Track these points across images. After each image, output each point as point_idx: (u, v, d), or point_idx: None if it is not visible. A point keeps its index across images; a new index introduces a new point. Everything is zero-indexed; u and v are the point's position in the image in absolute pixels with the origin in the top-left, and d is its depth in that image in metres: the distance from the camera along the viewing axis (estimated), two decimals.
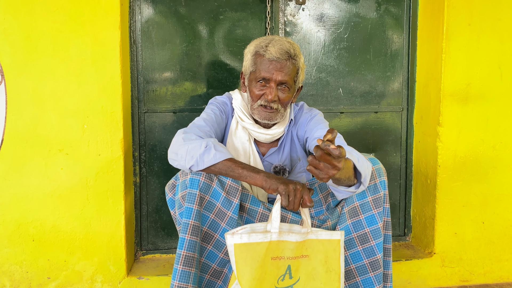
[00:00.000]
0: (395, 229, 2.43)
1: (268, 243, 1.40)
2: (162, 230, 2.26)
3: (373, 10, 2.30)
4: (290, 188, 1.41)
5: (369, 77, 2.33)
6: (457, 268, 2.25)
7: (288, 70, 1.65)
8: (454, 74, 2.14)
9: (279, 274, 1.42)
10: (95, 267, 2.02)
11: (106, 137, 1.97)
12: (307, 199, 1.41)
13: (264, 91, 1.67)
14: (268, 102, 1.66)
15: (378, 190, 1.51)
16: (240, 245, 1.38)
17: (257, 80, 1.68)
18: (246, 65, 1.73)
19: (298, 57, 1.68)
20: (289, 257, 1.42)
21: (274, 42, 1.65)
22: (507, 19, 2.16)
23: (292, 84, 1.69)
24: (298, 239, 1.42)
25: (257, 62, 1.67)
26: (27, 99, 1.93)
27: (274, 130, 1.75)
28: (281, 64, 1.63)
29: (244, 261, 1.38)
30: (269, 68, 1.64)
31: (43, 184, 1.97)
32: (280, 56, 1.62)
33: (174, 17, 2.17)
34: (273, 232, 1.40)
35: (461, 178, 2.20)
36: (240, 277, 1.39)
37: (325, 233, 1.45)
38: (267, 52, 1.64)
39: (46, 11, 1.90)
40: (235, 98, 1.79)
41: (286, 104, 1.71)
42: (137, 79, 2.17)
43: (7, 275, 1.99)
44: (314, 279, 1.44)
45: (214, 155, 1.43)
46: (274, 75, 1.64)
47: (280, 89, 1.67)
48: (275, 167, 1.78)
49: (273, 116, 1.69)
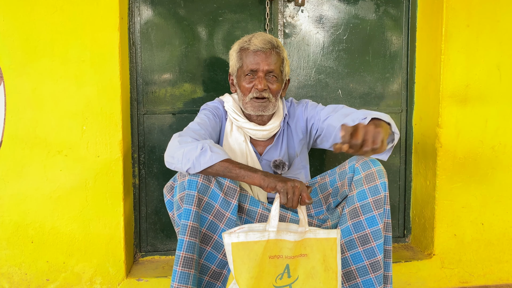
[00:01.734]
0: (394, 230, 2.43)
1: (266, 242, 1.40)
2: (161, 232, 2.26)
3: (372, 12, 2.31)
4: (289, 185, 1.41)
5: (368, 79, 2.33)
6: (457, 270, 2.25)
7: (273, 59, 1.70)
8: (453, 75, 2.15)
9: (277, 273, 1.42)
10: (94, 269, 2.02)
11: (105, 139, 1.97)
12: (305, 196, 1.42)
13: (254, 82, 1.71)
14: (259, 92, 1.70)
15: (379, 191, 1.52)
16: (238, 244, 1.39)
17: (245, 74, 1.73)
18: (232, 64, 1.79)
19: (281, 49, 1.74)
20: (287, 256, 1.42)
21: (257, 35, 1.73)
22: (506, 20, 2.17)
23: (279, 73, 1.74)
24: (296, 238, 1.43)
25: (243, 56, 1.73)
26: (26, 100, 1.93)
27: (270, 125, 1.78)
28: (266, 53, 1.69)
29: (241, 260, 1.38)
30: (255, 59, 1.70)
31: (42, 185, 1.96)
32: (264, 46, 1.68)
33: (173, 18, 2.17)
34: (271, 231, 1.41)
35: (461, 180, 2.20)
36: (237, 276, 1.38)
37: (323, 232, 1.46)
38: (251, 45, 1.70)
39: (45, 13, 1.90)
40: (226, 101, 1.83)
41: (276, 94, 1.75)
42: (136, 80, 2.16)
43: (5, 277, 1.98)
44: (313, 278, 1.44)
45: (210, 157, 1.44)
46: (261, 65, 1.69)
47: (269, 78, 1.72)
48: (275, 161, 1.79)
49: (265, 106, 1.73)
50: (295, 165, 1.84)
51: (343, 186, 1.61)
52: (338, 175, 1.65)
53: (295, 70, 2.27)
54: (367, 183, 1.52)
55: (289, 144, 1.86)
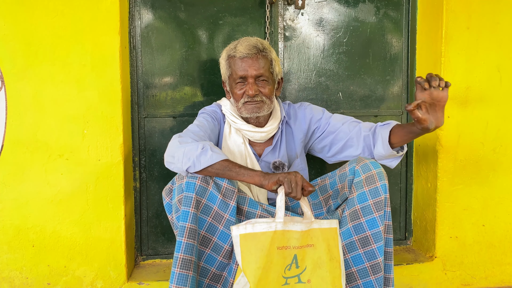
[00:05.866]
0: (395, 233, 2.43)
1: (273, 233, 1.42)
2: (162, 235, 2.26)
3: (372, 14, 2.31)
4: (291, 175, 1.44)
5: (368, 81, 2.33)
6: (458, 272, 2.24)
7: (261, 63, 1.72)
8: (453, 77, 2.15)
9: (286, 264, 1.44)
10: (95, 272, 2.02)
11: (106, 142, 1.98)
12: (307, 185, 1.46)
13: (244, 88, 1.74)
14: (250, 97, 1.72)
15: (379, 194, 1.52)
16: (245, 235, 1.41)
17: (235, 82, 1.75)
18: (223, 72, 1.81)
19: (268, 50, 1.76)
20: (295, 246, 1.45)
21: (242, 41, 1.75)
22: (505, 22, 2.17)
23: (270, 75, 1.76)
24: (303, 228, 1.46)
25: (231, 64, 1.75)
26: (27, 104, 1.93)
27: (268, 127, 1.79)
28: (253, 59, 1.71)
29: (249, 250, 1.40)
30: (242, 66, 1.72)
31: (43, 189, 1.96)
32: (249, 52, 1.70)
33: (174, 22, 2.18)
34: (278, 221, 1.43)
35: (462, 182, 2.20)
36: (245, 267, 1.40)
37: (326, 222, 1.52)
38: (237, 52, 1.72)
39: (46, 17, 1.91)
40: (224, 105, 1.85)
41: (269, 96, 1.77)
42: (137, 84, 2.17)
43: (7, 281, 1.98)
44: (320, 268, 1.47)
45: (211, 156, 1.45)
46: (249, 71, 1.71)
47: (259, 83, 1.74)
48: (274, 162, 1.80)
49: (259, 107, 1.75)
50: (294, 167, 1.84)
51: (343, 188, 1.62)
52: (338, 177, 1.65)
53: (296, 73, 2.27)
54: (367, 185, 1.52)
55: (289, 145, 1.87)
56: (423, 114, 1.49)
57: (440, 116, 1.53)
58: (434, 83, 1.45)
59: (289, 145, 1.87)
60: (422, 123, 1.50)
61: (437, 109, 1.51)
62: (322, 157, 1.94)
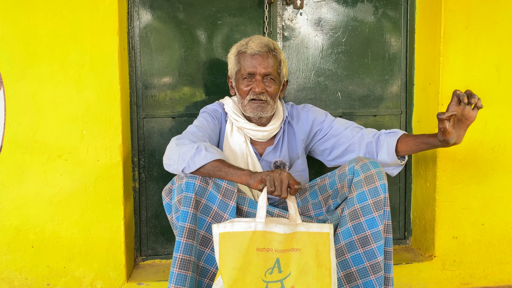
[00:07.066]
0: (395, 232, 2.43)
1: (252, 233, 1.38)
2: (161, 236, 2.26)
3: (370, 14, 2.31)
4: (275, 173, 1.40)
5: (367, 81, 2.33)
6: (458, 271, 2.25)
7: (270, 62, 1.73)
8: (452, 77, 2.15)
9: (267, 267, 1.38)
10: (95, 273, 2.02)
11: (105, 143, 1.98)
12: (293, 183, 1.40)
13: (251, 85, 1.74)
14: (257, 94, 1.72)
15: (379, 193, 1.52)
16: (224, 234, 1.37)
17: (243, 77, 1.76)
18: (231, 68, 1.82)
19: (278, 51, 1.77)
20: (277, 249, 1.39)
21: (254, 39, 1.75)
22: (504, 21, 2.17)
23: (277, 76, 1.77)
24: (286, 231, 1.40)
25: (241, 60, 1.76)
26: (26, 105, 1.93)
27: (271, 127, 1.80)
28: (263, 57, 1.72)
29: (226, 250, 1.36)
30: (252, 63, 1.72)
31: (42, 190, 1.96)
32: (261, 49, 1.71)
33: (172, 22, 2.18)
34: (258, 222, 1.38)
35: (461, 181, 2.20)
36: (221, 267, 1.36)
37: (316, 226, 1.44)
38: (248, 48, 1.73)
39: (45, 18, 1.91)
40: (226, 103, 1.85)
41: (274, 96, 1.77)
42: (136, 84, 2.17)
43: (6, 282, 1.98)
44: (306, 274, 1.40)
45: (204, 156, 1.45)
46: (258, 69, 1.72)
47: (266, 81, 1.75)
48: (275, 161, 1.80)
49: (263, 107, 1.75)
50: (296, 167, 1.85)
51: (343, 188, 1.62)
52: (338, 177, 1.66)
53: (294, 73, 2.27)
54: (366, 185, 1.52)
55: (290, 145, 1.87)
56: (449, 126, 1.48)
57: (462, 134, 1.53)
58: (473, 100, 1.44)
59: (290, 145, 1.87)
60: (446, 135, 1.49)
61: (462, 126, 1.52)
62: (322, 160, 1.94)
